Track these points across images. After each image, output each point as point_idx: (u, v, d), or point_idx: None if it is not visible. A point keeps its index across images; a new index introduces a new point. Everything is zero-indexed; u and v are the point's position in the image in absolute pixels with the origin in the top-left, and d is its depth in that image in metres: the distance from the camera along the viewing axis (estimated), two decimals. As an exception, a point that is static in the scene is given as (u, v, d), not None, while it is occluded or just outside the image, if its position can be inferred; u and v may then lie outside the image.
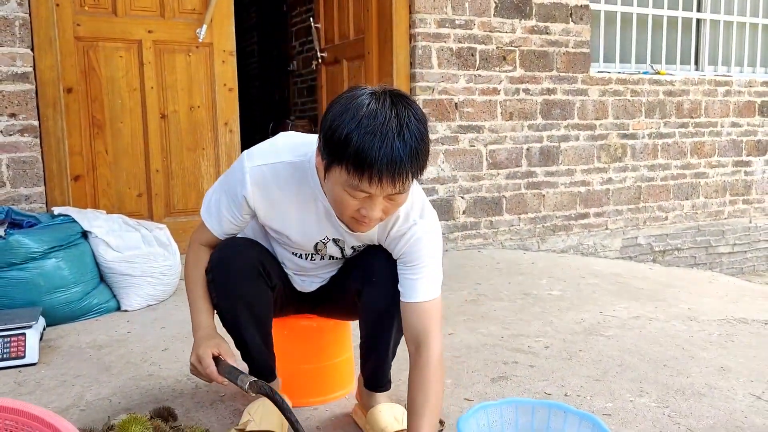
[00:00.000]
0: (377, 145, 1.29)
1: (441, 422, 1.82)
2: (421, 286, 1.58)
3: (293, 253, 1.74)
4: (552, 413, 1.68)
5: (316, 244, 1.67)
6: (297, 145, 1.59)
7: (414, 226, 1.58)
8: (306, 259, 1.74)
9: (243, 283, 1.64)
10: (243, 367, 1.63)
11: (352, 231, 1.54)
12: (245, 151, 1.59)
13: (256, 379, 1.45)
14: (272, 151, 1.58)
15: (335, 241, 1.67)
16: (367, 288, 1.68)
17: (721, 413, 1.92)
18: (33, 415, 0.93)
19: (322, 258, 1.74)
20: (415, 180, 1.40)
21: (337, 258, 1.75)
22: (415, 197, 1.57)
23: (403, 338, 1.64)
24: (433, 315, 1.59)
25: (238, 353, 1.75)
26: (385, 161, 1.29)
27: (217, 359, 1.54)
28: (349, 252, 1.71)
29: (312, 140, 1.57)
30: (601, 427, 1.59)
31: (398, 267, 1.62)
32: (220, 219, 1.65)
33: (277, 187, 1.56)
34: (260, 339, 1.72)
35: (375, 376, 1.81)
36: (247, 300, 1.66)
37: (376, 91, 1.36)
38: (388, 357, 1.77)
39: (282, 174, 1.55)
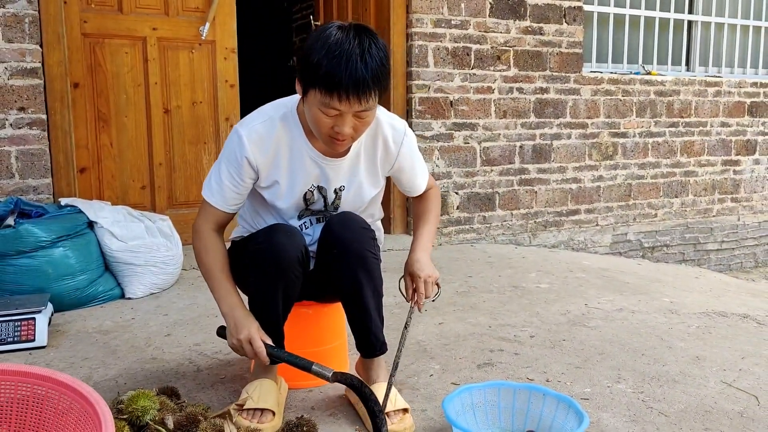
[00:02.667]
0: (343, 67, 1.54)
1: (437, 285, 1.92)
2: (423, 175, 1.99)
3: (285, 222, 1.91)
4: (532, 395, 1.81)
5: (305, 194, 1.84)
6: (278, 103, 1.85)
7: (406, 131, 1.89)
8: (302, 228, 1.91)
9: (288, 267, 1.76)
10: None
11: (331, 150, 1.76)
12: (235, 125, 1.82)
13: (336, 371, 1.66)
14: (258, 114, 1.82)
15: (320, 189, 1.86)
16: (333, 261, 1.82)
17: (693, 399, 2.04)
18: (60, 381, 1.05)
19: (311, 221, 1.91)
20: (377, 98, 1.64)
21: (322, 215, 1.92)
22: (381, 111, 1.84)
23: (387, 304, 1.91)
24: (431, 181, 2.05)
25: None
26: (350, 81, 1.54)
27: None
28: (331, 197, 1.88)
29: (290, 98, 1.85)
30: (577, 408, 1.72)
31: (401, 174, 1.94)
32: (222, 190, 1.80)
33: (269, 139, 1.78)
34: (282, 321, 1.84)
35: (367, 341, 1.89)
36: (286, 284, 1.78)
37: (343, 25, 1.62)
38: (372, 319, 1.87)
39: (271, 127, 1.78)
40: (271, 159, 1.79)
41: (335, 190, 1.87)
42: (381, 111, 1.84)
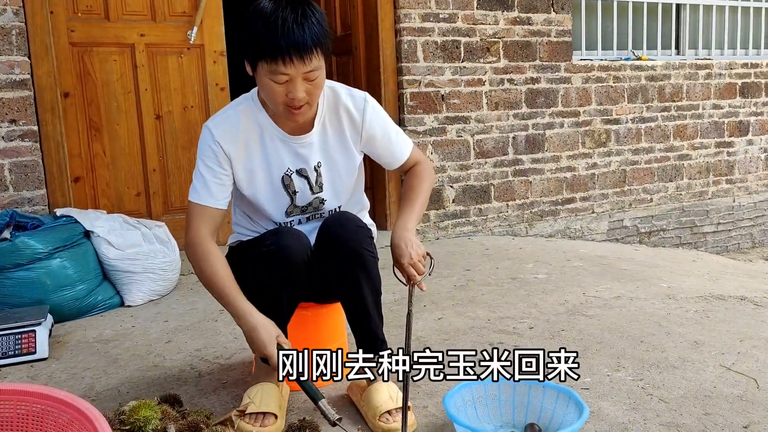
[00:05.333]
0: (280, 31, 1.61)
1: (428, 256, 1.87)
2: (401, 143, 1.96)
3: (278, 223, 1.93)
4: (532, 388, 1.81)
5: (283, 178, 1.86)
6: (240, 97, 1.91)
7: (366, 98, 1.91)
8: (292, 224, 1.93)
9: (295, 270, 1.79)
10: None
11: (292, 121, 1.79)
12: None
13: (339, 417, 1.68)
14: (222, 109, 1.90)
15: (299, 172, 1.88)
16: (330, 260, 1.83)
17: (692, 384, 2.05)
18: (59, 399, 1.05)
19: (300, 219, 1.93)
20: (322, 59, 1.69)
21: (311, 204, 1.92)
22: (339, 85, 1.91)
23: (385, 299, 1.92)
24: (418, 155, 2.01)
25: None
26: (290, 43, 1.61)
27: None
28: (313, 175, 1.89)
29: (250, 91, 1.89)
30: (577, 399, 1.73)
31: (374, 145, 1.93)
32: (206, 186, 1.82)
33: (236, 127, 1.83)
34: (286, 322, 1.86)
35: (367, 340, 1.90)
36: (291, 286, 1.81)
37: None
38: (371, 317, 1.88)
39: (235, 116, 1.84)
40: (242, 147, 1.83)
41: (314, 167, 1.89)
42: (340, 85, 1.91)
